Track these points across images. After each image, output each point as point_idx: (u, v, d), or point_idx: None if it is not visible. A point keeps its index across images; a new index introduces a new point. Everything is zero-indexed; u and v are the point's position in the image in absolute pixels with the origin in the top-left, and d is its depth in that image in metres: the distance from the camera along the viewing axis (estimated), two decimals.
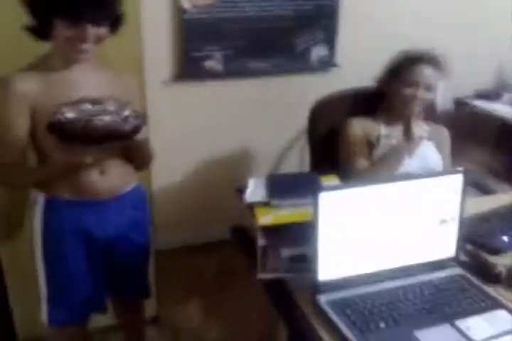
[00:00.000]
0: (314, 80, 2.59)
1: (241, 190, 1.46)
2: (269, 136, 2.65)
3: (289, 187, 1.44)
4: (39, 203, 1.43)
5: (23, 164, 1.37)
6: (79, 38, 1.25)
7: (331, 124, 1.91)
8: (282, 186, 1.46)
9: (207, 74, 2.43)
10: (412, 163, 1.79)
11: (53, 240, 1.44)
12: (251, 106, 2.58)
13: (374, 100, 1.90)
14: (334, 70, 2.64)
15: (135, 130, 1.29)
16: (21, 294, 1.87)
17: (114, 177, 1.43)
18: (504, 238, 1.39)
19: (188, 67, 2.39)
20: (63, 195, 1.41)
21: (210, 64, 2.42)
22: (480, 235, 1.39)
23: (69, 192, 1.40)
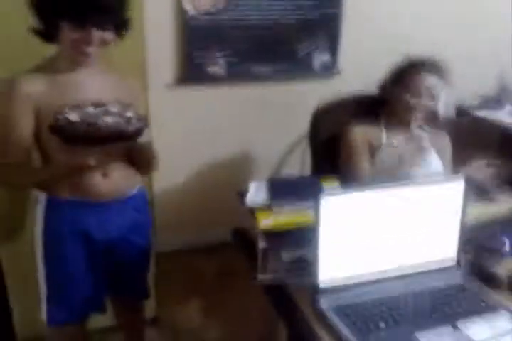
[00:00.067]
0: (316, 86, 2.60)
1: (242, 193, 1.46)
2: (270, 140, 2.66)
3: (290, 190, 1.45)
4: (40, 203, 1.44)
5: (27, 164, 1.37)
6: (84, 41, 1.26)
7: (333, 129, 1.91)
8: (283, 190, 1.46)
9: (209, 78, 2.44)
10: (414, 171, 1.80)
11: (53, 240, 1.45)
12: (253, 110, 2.59)
13: (376, 106, 1.90)
14: (336, 76, 2.65)
15: (137, 132, 1.30)
16: (21, 294, 1.88)
17: (117, 179, 1.44)
18: (505, 242, 1.39)
19: (191, 71, 2.40)
20: (65, 196, 1.41)
21: (213, 68, 2.43)
22: (481, 239, 1.39)
23: (71, 193, 1.41)
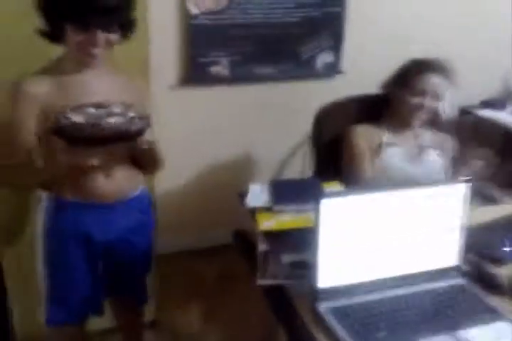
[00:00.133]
0: (320, 86, 2.58)
1: (243, 195, 1.46)
2: (273, 141, 2.65)
3: (292, 192, 1.44)
4: (43, 203, 1.44)
5: (30, 164, 1.37)
6: (89, 43, 1.27)
7: (335, 131, 1.90)
8: (285, 191, 1.45)
9: (213, 79, 2.43)
10: (416, 171, 1.79)
11: (54, 240, 1.46)
12: (256, 111, 2.58)
13: (379, 107, 1.89)
14: (339, 77, 2.63)
15: (140, 132, 1.30)
16: (20, 295, 1.87)
17: (120, 180, 1.44)
18: (507, 248, 1.38)
19: (195, 72, 2.39)
20: (67, 197, 1.41)
21: (217, 69, 2.42)
22: (483, 245, 1.38)
23: (73, 193, 1.41)
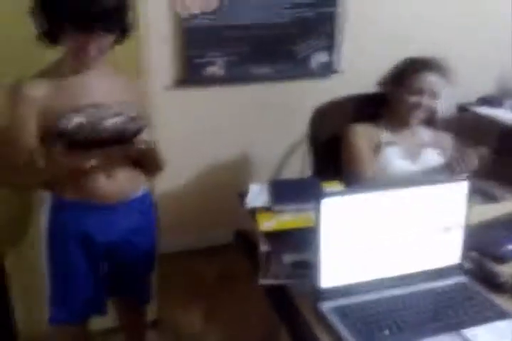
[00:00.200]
0: (316, 86, 2.59)
1: (243, 195, 1.45)
2: (270, 141, 2.65)
3: (291, 192, 1.44)
4: (46, 204, 1.46)
5: (31, 165, 1.37)
6: (87, 46, 1.27)
7: (332, 130, 1.90)
8: (284, 191, 1.45)
9: (209, 79, 2.43)
10: (416, 170, 1.78)
11: (57, 240, 1.47)
12: (253, 111, 2.58)
13: (376, 106, 1.89)
14: (335, 76, 2.64)
15: (138, 132, 1.30)
16: (23, 294, 1.88)
17: (122, 181, 1.44)
18: (509, 246, 1.37)
19: (190, 73, 2.39)
20: (69, 197, 1.43)
21: (212, 69, 2.42)
22: (485, 243, 1.37)
23: (75, 194, 1.42)
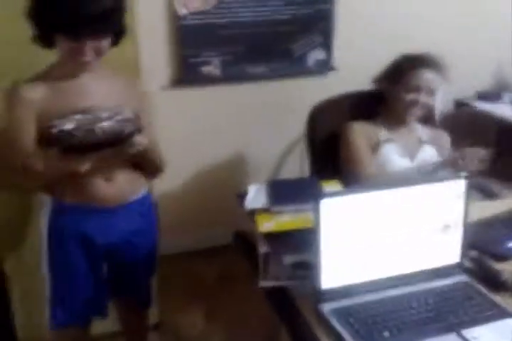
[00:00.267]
0: (312, 84, 2.58)
1: (242, 196, 1.44)
2: (268, 140, 2.64)
3: (290, 192, 1.43)
4: (46, 207, 1.46)
5: (29, 167, 1.35)
6: (79, 51, 1.27)
7: (330, 128, 1.89)
8: (283, 192, 1.44)
9: (205, 79, 2.42)
10: (414, 167, 1.78)
11: (57, 243, 1.47)
12: (250, 110, 2.57)
13: (373, 103, 1.88)
14: (332, 74, 2.63)
15: (131, 134, 1.30)
16: (23, 298, 1.88)
17: (122, 184, 1.44)
18: (509, 244, 1.37)
19: (186, 73, 2.38)
20: (69, 201, 1.43)
21: (208, 69, 2.41)
22: (485, 241, 1.37)
23: (75, 198, 1.42)
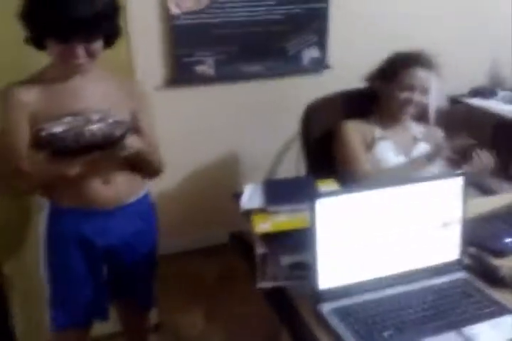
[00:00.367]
0: (307, 82, 2.57)
1: (237, 196, 1.44)
2: (264, 139, 2.63)
3: (286, 192, 1.42)
4: (44, 210, 1.45)
5: (23, 170, 1.34)
6: (70, 54, 1.26)
7: (325, 127, 1.88)
8: (279, 191, 1.43)
9: (199, 78, 2.42)
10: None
11: (55, 246, 1.47)
12: (245, 109, 2.56)
13: (367, 102, 1.87)
14: (327, 72, 2.63)
15: (122, 137, 1.30)
16: (22, 302, 1.88)
17: (119, 186, 1.44)
18: (508, 240, 1.37)
19: (180, 72, 2.38)
20: (67, 204, 1.43)
21: (202, 68, 2.40)
22: (483, 237, 1.37)
23: (72, 200, 1.42)
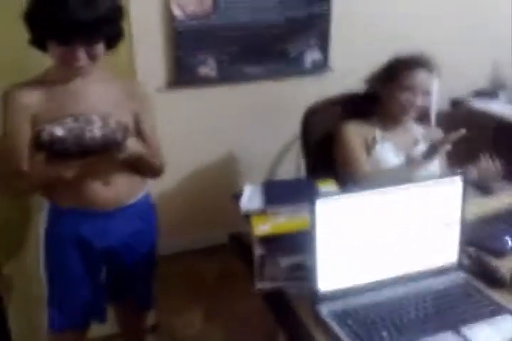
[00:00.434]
0: (309, 84, 2.58)
1: (237, 196, 1.44)
2: (265, 141, 2.64)
3: (286, 193, 1.42)
4: (44, 210, 1.46)
5: (22, 171, 1.35)
6: (71, 57, 1.26)
7: (324, 129, 1.88)
8: (279, 193, 1.43)
9: (201, 80, 2.42)
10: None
11: (54, 247, 1.47)
12: (246, 111, 2.56)
13: (367, 104, 1.87)
14: (328, 74, 2.63)
15: (122, 141, 1.30)
16: (19, 302, 1.87)
17: (120, 188, 1.44)
18: (507, 240, 1.37)
19: (182, 74, 2.38)
20: (66, 204, 1.43)
21: (204, 70, 2.40)
22: (482, 238, 1.37)
23: (72, 201, 1.42)
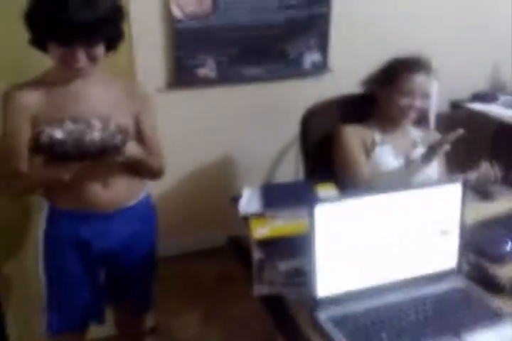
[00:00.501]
0: (308, 86, 2.57)
1: (236, 199, 1.43)
2: (264, 142, 2.63)
3: (285, 196, 1.42)
4: (43, 212, 1.46)
5: (22, 172, 1.35)
6: (71, 58, 1.25)
7: (323, 131, 1.88)
8: (277, 196, 1.43)
9: (200, 81, 2.41)
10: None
11: (53, 248, 1.47)
12: (245, 112, 2.56)
13: (366, 106, 1.87)
14: (327, 75, 2.63)
15: (121, 145, 1.29)
16: (17, 307, 1.87)
17: (119, 190, 1.44)
18: (507, 246, 1.36)
19: (182, 75, 2.38)
20: (65, 206, 1.43)
21: (204, 71, 2.40)
22: (482, 243, 1.36)
23: (71, 203, 1.42)
